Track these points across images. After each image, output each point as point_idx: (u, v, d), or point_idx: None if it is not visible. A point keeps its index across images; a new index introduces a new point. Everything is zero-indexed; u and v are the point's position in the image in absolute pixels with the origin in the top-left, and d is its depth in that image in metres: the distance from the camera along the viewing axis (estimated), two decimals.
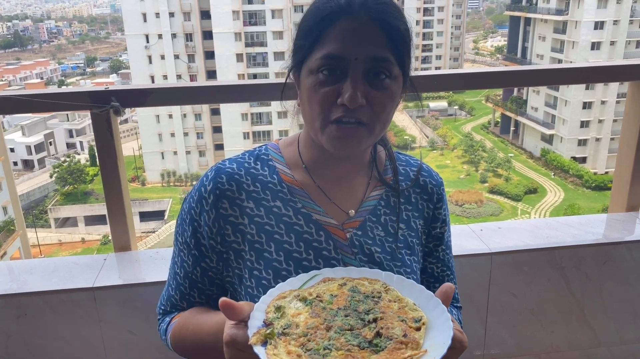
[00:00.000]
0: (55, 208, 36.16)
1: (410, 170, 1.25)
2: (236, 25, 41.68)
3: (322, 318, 0.93)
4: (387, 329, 0.91)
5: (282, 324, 0.92)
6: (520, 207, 34.35)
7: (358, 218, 1.16)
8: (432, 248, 1.27)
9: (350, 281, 1.02)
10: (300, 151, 1.20)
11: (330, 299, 0.98)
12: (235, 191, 1.13)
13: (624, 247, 2.01)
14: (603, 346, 2.11)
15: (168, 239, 31.17)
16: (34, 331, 1.77)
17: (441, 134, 45.71)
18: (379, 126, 1.06)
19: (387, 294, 1.00)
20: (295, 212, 1.14)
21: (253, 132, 41.57)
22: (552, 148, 41.61)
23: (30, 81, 60.68)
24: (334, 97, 1.02)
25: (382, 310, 0.95)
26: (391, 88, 1.04)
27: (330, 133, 1.04)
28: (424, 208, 1.24)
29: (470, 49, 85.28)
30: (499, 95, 49.70)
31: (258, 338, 0.88)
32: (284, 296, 0.98)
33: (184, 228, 1.18)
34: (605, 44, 40.55)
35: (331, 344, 0.88)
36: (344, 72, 1.01)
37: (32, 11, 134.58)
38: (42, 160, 43.69)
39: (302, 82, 1.08)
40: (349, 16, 1.02)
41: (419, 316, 0.95)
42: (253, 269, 1.11)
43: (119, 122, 1.93)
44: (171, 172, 41.55)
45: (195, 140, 43.16)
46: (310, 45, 1.05)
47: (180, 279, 1.21)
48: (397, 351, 0.87)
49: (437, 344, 0.88)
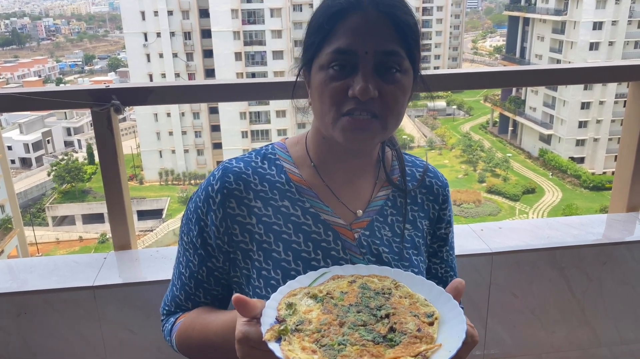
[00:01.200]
0: (52, 207, 36.11)
1: (416, 171, 1.25)
2: (235, 23, 41.64)
3: (334, 314, 0.93)
4: (400, 325, 0.91)
5: (294, 321, 0.91)
6: (518, 207, 34.39)
7: (365, 218, 1.16)
8: (436, 249, 1.27)
9: (359, 278, 1.02)
10: (308, 149, 1.19)
11: (341, 296, 0.98)
12: (242, 190, 1.13)
13: (625, 247, 2.01)
14: (604, 346, 2.11)
15: (166, 238, 31.15)
16: (34, 330, 1.77)
17: (439, 134, 45.76)
18: (391, 119, 1.06)
19: (398, 290, 1.00)
20: (304, 212, 1.14)
21: (251, 131, 41.52)
22: (550, 148, 41.68)
23: (28, 79, 60.51)
24: (345, 91, 1.02)
25: (393, 306, 0.95)
26: (402, 81, 1.04)
27: (343, 125, 1.03)
28: (430, 208, 1.24)
29: (469, 48, 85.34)
30: (497, 95, 49.74)
31: (272, 334, 0.88)
32: (295, 294, 0.98)
33: (189, 227, 1.17)
34: (603, 45, 40.61)
35: (345, 339, 0.88)
36: (354, 66, 1.01)
37: (30, 9, 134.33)
38: (39, 158, 43.62)
39: (313, 78, 1.07)
40: (359, 11, 1.02)
41: (431, 311, 0.95)
42: (261, 269, 1.11)
43: (118, 120, 1.92)
44: (169, 171, 41.52)
45: (194, 138, 43.12)
46: (320, 41, 1.05)
47: (185, 279, 1.20)
48: (412, 345, 0.87)
49: (451, 338, 0.88)
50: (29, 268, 1.88)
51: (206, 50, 43.48)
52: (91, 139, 45.40)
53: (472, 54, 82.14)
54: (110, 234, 2.03)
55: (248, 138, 41.13)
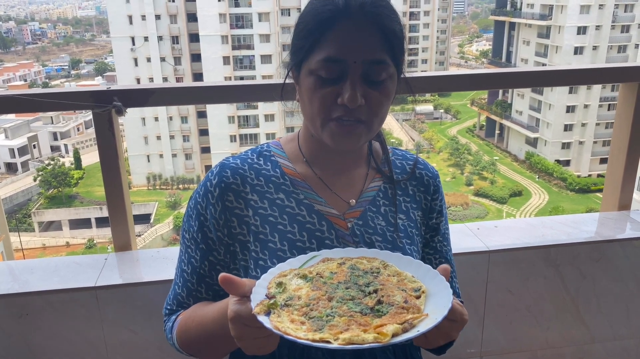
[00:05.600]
0: (39, 212, 35.68)
1: (406, 164, 1.30)
2: (223, 28, 41.60)
3: (323, 291, 0.95)
4: (387, 297, 0.93)
5: (284, 298, 0.94)
6: (506, 210, 34.67)
7: (358, 208, 1.21)
8: (428, 239, 1.30)
9: (349, 260, 1.05)
10: (300, 146, 1.24)
11: (331, 275, 1.00)
12: (239, 184, 1.18)
13: (617, 245, 2.06)
14: (597, 342, 2.16)
15: (154, 243, 30.90)
16: (35, 331, 1.77)
17: (427, 137, 46.00)
18: (376, 122, 1.11)
19: (386, 270, 1.02)
20: (298, 203, 1.18)
21: (240, 135, 41.45)
22: (537, 151, 42.10)
23: (13, 83, 59.86)
24: (333, 97, 1.07)
25: (381, 283, 0.98)
26: (388, 87, 1.10)
27: (331, 130, 1.09)
28: (422, 199, 1.28)
29: (456, 53, 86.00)
30: (484, 98, 50.17)
31: (261, 308, 0.90)
32: (285, 275, 1.00)
33: (190, 224, 1.21)
34: (588, 49, 41.19)
35: (334, 312, 0.90)
36: (343, 73, 1.06)
37: (16, 12, 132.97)
38: (25, 163, 43.08)
39: (302, 81, 1.12)
40: (348, 19, 1.06)
41: (418, 286, 0.97)
42: (258, 259, 1.14)
43: (120, 121, 1.93)
44: (157, 175, 41.28)
45: (182, 143, 42.94)
46: (310, 46, 1.08)
47: (187, 276, 1.22)
48: (399, 315, 0.89)
49: (437, 309, 0.90)
50: (30, 269, 1.88)
51: (194, 54, 43.35)
52: (78, 144, 45.07)
53: (458, 58, 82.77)
54: (97, 240, 2.02)
55: (237, 142, 41.03)
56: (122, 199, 1.94)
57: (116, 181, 1.92)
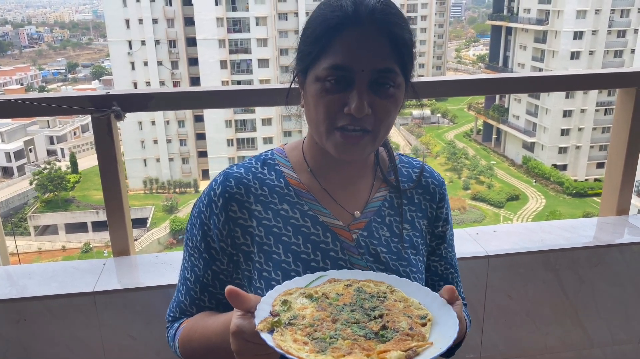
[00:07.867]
0: (35, 216, 35.55)
1: (412, 172, 1.28)
2: (220, 32, 41.61)
3: (328, 312, 0.95)
4: (393, 323, 0.93)
5: (288, 316, 0.93)
6: (503, 214, 34.70)
7: (363, 219, 1.19)
8: (434, 247, 1.29)
9: (355, 282, 1.04)
10: (304, 155, 1.22)
11: (336, 297, 0.99)
12: (243, 194, 1.16)
13: (616, 249, 2.06)
14: (596, 346, 2.16)
15: (150, 247, 30.81)
16: (34, 336, 1.76)
17: (424, 142, 46.08)
18: (382, 132, 1.09)
19: (393, 295, 1.01)
20: (302, 215, 1.16)
21: (237, 139, 41.42)
22: (534, 155, 42.20)
23: (9, 87, 59.71)
24: (340, 105, 1.04)
25: (387, 308, 0.97)
26: (395, 96, 1.07)
27: (336, 140, 1.07)
28: (427, 208, 1.26)
29: (453, 57, 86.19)
30: (481, 103, 50.29)
31: (265, 325, 0.89)
32: (290, 293, 0.99)
33: (193, 233, 1.20)
34: (584, 54, 41.35)
35: (338, 334, 0.89)
36: (350, 81, 1.03)
37: (13, 16, 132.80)
38: (21, 167, 42.94)
39: (308, 87, 1.09)
40: (356, 26, 1.03)
41: (424, 313, 0.96)
42: (262, 271, 1.13)
43: (118, 126, 1.93)
44: (154, 179, 41.16)
45: (179, 147, 42.87)
46: (317, 53, 1.06)
47: (190, 284, 1.21)
48: (403, 341, 0.88)
49: (442, 338, 0.90)
50: (28, 274, 1.87)
51: (191, 58, 43.37)
52: (74, 148, 44.95)
53: (455, 62, 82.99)
54: (93, 244, 2.02)
55: (234, 146, 41.00)
56: (121, 204, 1.94)
57: (115, 186, 1.92)
